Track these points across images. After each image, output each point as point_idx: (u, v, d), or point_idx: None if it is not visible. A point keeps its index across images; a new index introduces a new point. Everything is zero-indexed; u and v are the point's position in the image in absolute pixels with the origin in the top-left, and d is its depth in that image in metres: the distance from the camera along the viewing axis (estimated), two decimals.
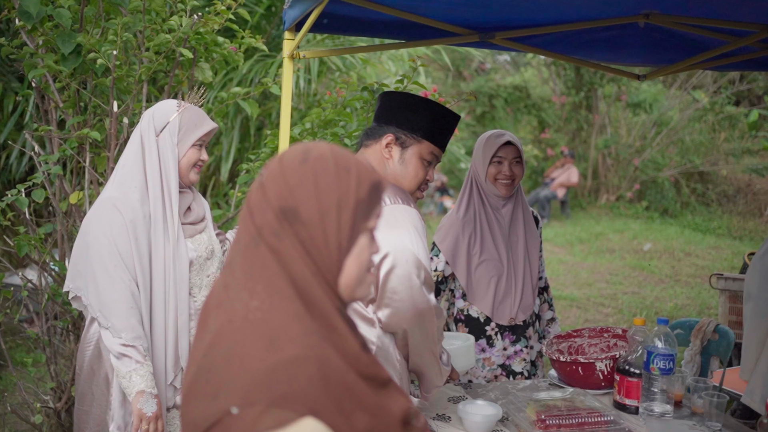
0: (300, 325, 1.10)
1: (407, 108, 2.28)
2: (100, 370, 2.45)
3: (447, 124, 2.34)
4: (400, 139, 2.27)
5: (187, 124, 2.50)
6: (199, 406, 1.07)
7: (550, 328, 3.17)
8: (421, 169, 2.29)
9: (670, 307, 7.36)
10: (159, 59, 3.13)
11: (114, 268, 2.35)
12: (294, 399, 1.02)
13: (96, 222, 2.39)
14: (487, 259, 2.89)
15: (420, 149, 2.27)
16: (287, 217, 1.14)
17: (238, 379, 1.04)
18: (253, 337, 1.08)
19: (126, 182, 2.44)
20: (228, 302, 1.13)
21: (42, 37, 3.14)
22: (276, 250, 1.14)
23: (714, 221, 12.21)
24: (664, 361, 2.39)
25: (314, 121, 3.65)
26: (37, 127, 3.30)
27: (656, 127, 13.74)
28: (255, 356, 1.06)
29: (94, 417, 2.46)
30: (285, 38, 3.11)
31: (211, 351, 1.10)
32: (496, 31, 3.40)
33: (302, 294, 1.13)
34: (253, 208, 1.18)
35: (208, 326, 1.14)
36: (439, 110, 2.31)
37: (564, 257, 9.86)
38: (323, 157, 1.18)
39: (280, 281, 1.13)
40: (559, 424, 2.18)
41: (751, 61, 3.80)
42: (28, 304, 3.69)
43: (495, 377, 2.89)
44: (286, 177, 1.16)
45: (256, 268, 1.14)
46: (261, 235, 1.15)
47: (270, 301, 1.11)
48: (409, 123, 2.26)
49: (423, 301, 2.07)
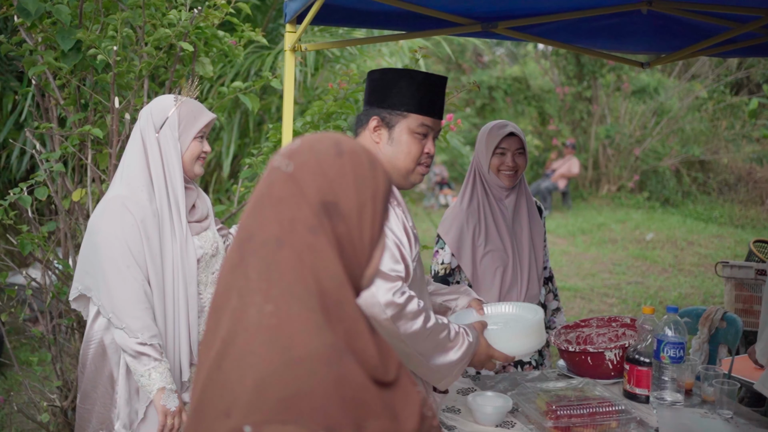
0: (317, 333, 1.02)
1: (386, 85, 2.14)
2: (104, 369, 2.44)
3: (432, 89, 2.17)
4: (385, 119, 2.13)
5: (187, 117, 2.48)
6: (212, 424, 1.00)
7: (555, 317, 3.16)
8: (414, 144, 2.13)
9: (674, 296, 7.35)
10: (159, 54, 3.11)
11: (127, 268, 2.34)
12: (308, 414, 0.97)
13: (106, 221, 2.38)
14: (493, 250, 2.88)
15: (408, 123, 2.12)
16: (327, 212, 1.09)
17: (250, 394, 0.98)
18: (266, 345, 1.00)
19: (133, 181, 2.42)
20: (240, 307, 1.05)
21: (41, 34, 3.12)
22: (309, 247, 1.07)
23: (716, 210, 12.20)
24: (675, 350, 2.38)
25: (316, 114, 3.63)
26: (38, 125, 3.29)
27: (656, 117, 13.70)
28: (267, 367, 0.99)
29: (97, 415, 2.45)
30: (286, 31, 3.08)
31: (223, 361, 1.03)
32: (498, 20, 3.37)
33: (327, 298, 1.06)
34: (280, 201, 1.09)
35: (218, 332, 1.07)
36: (420, 77, 2.15)
37: (566, 248, 9.85)
38: (356, 150, 1.16)
39: (300, 286, 1.05)
40: (570, 414, 2.17)
41: (755, 47, 3.78)
42: (32, 303, 3.68)
43: (504, 368, 2.88)
44: (324, 170, 1.11)
45: (275, 270, 1.05)
46: (290, 232, 1.07)
47: (287, 308, 1.03)
48: (390, 100, 2.13)
49: (371, 305, 1.92)
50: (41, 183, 3.15)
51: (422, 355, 2.02)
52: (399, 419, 1.12)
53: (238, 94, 3.51)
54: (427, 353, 2.02)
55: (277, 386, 0.98)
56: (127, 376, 2.41)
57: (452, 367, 2.08)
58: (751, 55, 4.70)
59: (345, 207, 1.11)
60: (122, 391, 2.40)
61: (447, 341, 2.05)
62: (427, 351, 2.02)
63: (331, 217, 1.09)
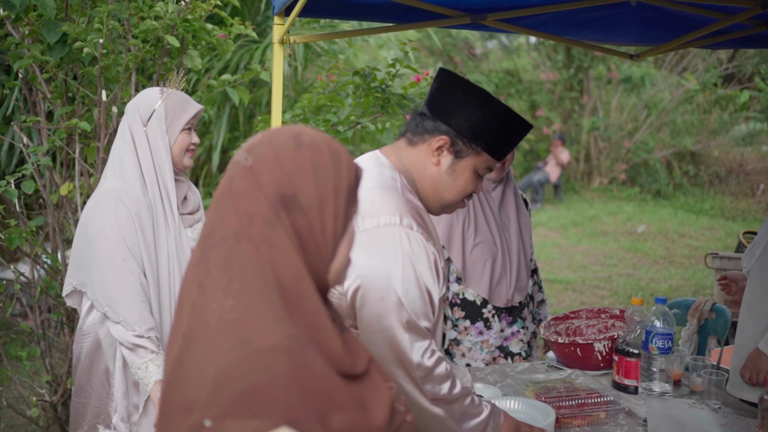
0: (277, 326, 1.02)
1: (473, 107, 1.84)
2: (99, 363, 2.43)
3: (517, 134, 1.92)
4: (456, 145, 1.85)
5: (173, 110, 2.47)
6: (175, 420, 1.00)
7: (540, 309, 3.18)
8: (471, 183, 1.90)
9: (665, 288, 7.37)
10: (146, 47, 3.09)
11: (123, 261, 2.33)
12: (269, 407, 0.96)
13: (100, 214, 2.36)
14: (482, 242, 2.88)
15: (476, 162, 1.87)
16: (285, 205, 1.09)
17: (210, 388, 0.97)
18: (227, 340, 1.00)
19: (126, 173, 2.41)
20: (203, 303, 1.05)
21: (27, 27, 3.10)
22: (267, 241, 1.07)
23: (707, 202, 12.24)
24: (663, 341, 2.39)
25: (305, 107, 3.62)
26: (24, 118, 3.26)
27: (647, 110, 13.72)
28: (227, 361, 0.99)
29: (93, 409, 2.44)
30: (275, 23, 3.08)
31: (185, 357, 1.03)
32: (487, 12, 3.37)
33: (286, 291, 1.06)
34: (239, 195, 1.09)
35: (181, 328, 1.07)
36: (511, 118, 1.87)
37: (558, 241, 9.87)
38: (316, 142, 1.15)
39: (260, 279, 1.05)
40: (558, 405, 2.17)
41: (743, 39, 3.78)
42: (21, 298, 3.66)
43: (493, 359, 2.89)
44: (281, 162, 1.11)
45: (235, 264, 1.06)
46: (248, 226, 1.08)
47: (248, 302, 1.03)
48: (471, 127, 1.83)
49: (401, 350, 1.69)
50: (28, 176, 3.13)
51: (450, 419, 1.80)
52: (368, 412, 1.11)
53: (226, 88, 3.49)
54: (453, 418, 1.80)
55: (238, 380, 0.98)
56: (124, 369, 2.40)
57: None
58: (739, 46, 4.71)
59: (304, 200, 1.10)
60: (119, 384, 2.40)
61: (472, 407, 1.83)
62: (453, 417, 1.80)
63: (289, 210, 1.09)
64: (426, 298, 1.73)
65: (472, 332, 2.88)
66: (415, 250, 1.73)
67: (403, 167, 1.89)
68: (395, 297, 1.68)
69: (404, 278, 1.69)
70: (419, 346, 1.71)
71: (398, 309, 1.68)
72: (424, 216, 1.88)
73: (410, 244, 1.72)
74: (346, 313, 1.74)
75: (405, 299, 1.69)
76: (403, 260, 1.70)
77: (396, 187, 1.83)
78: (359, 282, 1.69)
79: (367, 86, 3.49)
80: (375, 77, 3.51)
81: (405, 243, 1.72)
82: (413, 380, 1.72)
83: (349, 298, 1.72)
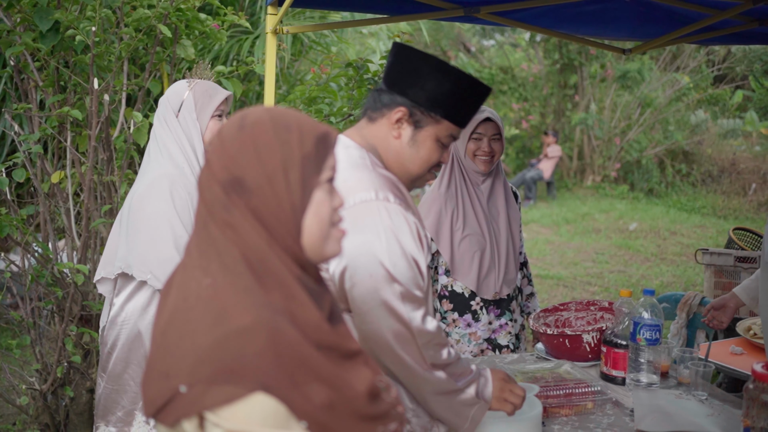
0: (249, 298, 1.08)
1: (427, 75, 1.79)
2: (139, 350, 2.47)
3: (475, 99, 1.86)
4: (415, 115, 1.81)
5: (202, 98, 2.52)
6: (154, 384, 1.07)
7: (529, 302, 3.19)
8: (436, 153, 1.86)
9: (656, 285, 7.40)
10: (139, 36, 3.08)
11: (180, 239, 2.37)
12: (243, 373, 1.01)
13: (155, 197, 2.40)
14: (470, 234, 2.89)
15: (437, 130, 1.83)
16: (235, 189, 1.12)
17: (186, 357, 1.04)
18: (202, 313, 1.08)
19: (175, 158, 2.46)
20: (184, 282, 1.13)
21: (19, 15, 3.09)
22: (228, 225, 1.12)
23: (699, 200, 12.28)
24: (651, 332, 2.40)
25: (298, 99, 3.62)
26: (16, 106, 3.25)
27: (641, 108, 13.75)
28: (202, 331, 1.06)
29: (131, 396, 2.50)
30: (268, 13, 3.08)
31: (167, 329, 1.10)
32: (480, 5, 3.37)
33: (254, 267, 1.11)
34: (202, 186, 1.16)
35: (166, 305, 1.15)
36: (468, 82, 1.82)
37: (550, 237, 9.89)
38: (260, 120, 1.16)
39: (230, 258, 1.11)
40: (546, 395, 2.18)
41: (735, 35, 3.80)
42: (12, 288, 3.65)
43: (481, 351, 2.90)
44: (225, 147, 1.15)
45: (208, 247, 1.13)
46: (211, 213, 1.14)
47: (222, 278, 1.10)
48: (427, 95, 1.79)
49: (400, 321, 1.68)
50: (20, 165, 3.12)
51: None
52: (350, 389, 1.14)
53: (221, 79, 3.48)
54: (453, 377, 1.80)
55: (213, 348, 1.04)
56: None
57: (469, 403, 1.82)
58: (730, 42, 4.73)
59: (251, 180, 1.13)
60: None
61: (464, 365, 1.84)
62: (453, 376, 1.80)
63: (239, 193, 1.13)
64: (414, 267, 1.72)
65: (460, 324, 2.89)
66: (396, 221, 1.71)
67: (369, 145, 1.86)
68: (384, 271, 1.66)
69: (390, 251, 1.68)
70: (417, 315, 1.71)
71: (390, 282, 1.66)
72: (399, 186, 1.85)
73: (390, 217, 1.71)
74: (337, 296, 1.73)
75: (394, 271, 1.67)
76: (385, 234, 1.69)
77: (366, 165, 1.81)
78: (345, 262, 1.67)
79: (359, 78, 3.50)
80: (368, 69, 3.51)
81: (384, 216, 1.70)
82: (417, 349, 1.71)
83: (336, 280, 1.71)
